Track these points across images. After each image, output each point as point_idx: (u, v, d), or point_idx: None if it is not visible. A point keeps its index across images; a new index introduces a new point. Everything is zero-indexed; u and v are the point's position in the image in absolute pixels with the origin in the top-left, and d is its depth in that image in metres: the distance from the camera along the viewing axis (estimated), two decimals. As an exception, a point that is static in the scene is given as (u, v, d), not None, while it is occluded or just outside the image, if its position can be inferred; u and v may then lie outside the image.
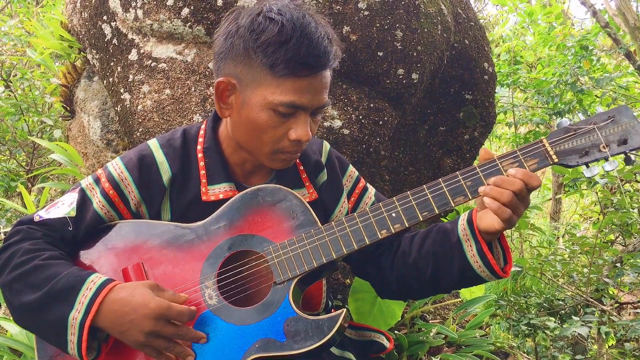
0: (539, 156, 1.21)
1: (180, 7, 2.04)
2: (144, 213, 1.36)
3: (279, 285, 1.25)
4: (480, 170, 1.22)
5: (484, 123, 2.57)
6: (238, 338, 1.21)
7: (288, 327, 1.21)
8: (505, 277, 1.29)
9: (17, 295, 1.18)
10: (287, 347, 1.19)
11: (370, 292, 1.96)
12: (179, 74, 2.08)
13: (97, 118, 2.48)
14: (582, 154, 1.19)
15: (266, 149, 1.28)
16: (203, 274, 1.27)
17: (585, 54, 4.61)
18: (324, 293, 1.46)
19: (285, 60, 1.17)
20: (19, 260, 1.19)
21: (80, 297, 1.14)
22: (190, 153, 1.37)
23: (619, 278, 3.45)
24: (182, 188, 1.35)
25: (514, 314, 3.46)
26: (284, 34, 1.17)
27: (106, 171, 1.35)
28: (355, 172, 1.56)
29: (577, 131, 1.19)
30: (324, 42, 1.20)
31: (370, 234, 1.26)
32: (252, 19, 1.20)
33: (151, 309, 1.13)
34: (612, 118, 1.18)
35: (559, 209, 6.72)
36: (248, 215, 1.29)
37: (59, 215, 1.29)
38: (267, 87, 1.20)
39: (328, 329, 1.19)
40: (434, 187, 1.25)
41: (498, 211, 1.17)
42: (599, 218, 3.88)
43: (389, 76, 2.08)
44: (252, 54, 1.19)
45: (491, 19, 7.69)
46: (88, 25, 2.37)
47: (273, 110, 1.21)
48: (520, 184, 1.17)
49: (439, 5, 2.23)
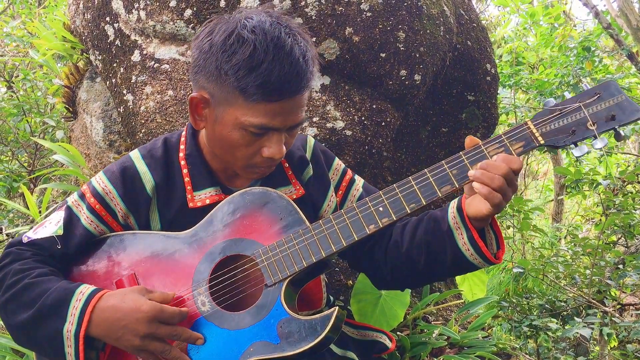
0: (524, 139, 1.19)
1: (183, 9, 2.05)
2: (133, 224, 1.36)
3: (270, 287, 1.25)
4: (465, 157, 1.20)
5: (487, 124, 2.57)
6: (232, 343, 1.22)
7: (281, 328, 1.20)
8: (497, 262, 1.28)
9: (12, 315, 1.20)
10: (281, 348, 1.19)
11: (373, 293, 1.96)
12: (181, 75, 2.08)
13: (99, 119, 2.48)
14: (569, 133, 1.16)
15: (239, 163, 1.28)
16: (195, 281, 1.27)
17: (587, 55, 4.61)
18: (323, 289, 1.46)
19: (255, 85, 1.13)
20: (10, 282, 1.21)
21: (71, 309, 1.16)
22: (172, 161, 1.38)
23: (621, 279, 3.45)
24: (168, 196, 1.35)
25: (516, 315, 3.45)
26: (255, 58, 1.12)
27: (90, 186, 1.35)
28: (342, 164, 1.55)
29: (562, 110, 1.17)
30: (298, 66, 1.15)
31: (358, 230, 1.25)
32: (225, 37, 1.16)
33: (144, 312, 1.14)
34: (598, 94, 1.15)
35: (561, 210, 6.72)
36: (236, 219, 1.29)
37: (46, 235, 1.30)
38: (238, 108, 1.17)
39: (321, 329, 1.19)
40: (420, 178, 1.22)
41: (489, 196, 1.15)
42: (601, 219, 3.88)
43: (392, 77, 2.08)
44: (223, 74, 1.16)
45: (493, 20, 7.69)
46: (91, 27, 2.37)
47: (245, 130, 1.19)
48: (506, 167, 1.15)
49: (442, 7, 2.23)
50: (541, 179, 9.46)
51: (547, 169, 9.35)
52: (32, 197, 2.30)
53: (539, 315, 3.40)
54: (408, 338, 2.00)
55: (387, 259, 1.41)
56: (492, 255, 1.26)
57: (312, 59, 1.20)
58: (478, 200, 1.20)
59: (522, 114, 5.21)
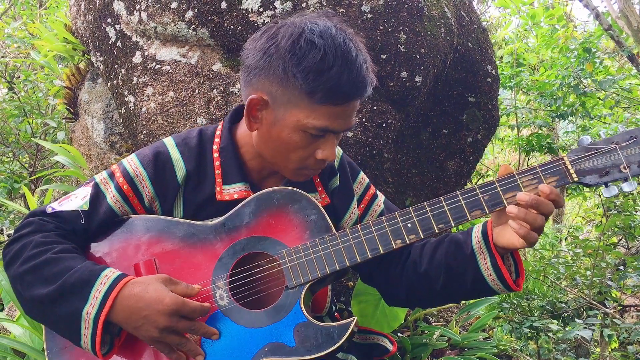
0: (559, 174, 1.19)
1: (184, 10, 2.05)
2: (157, 209, 1.36)
3: (290, 289, 1.25)
4: (498, 184, 1.21)
5: (487, 126, 2.57)
6: (248, 340, 1.21)
7: (298, 332, 1.20)
8: (518, 290, 1.29)
9: (29, 287, 1.18)
10: (296, 352, 1.19)
11: (374, 295, 1.96)
12: (183, 77, 2.09)
13: (100, 120, 2.49)
14: (602, 174, 1.17)
15: (292, 165, 1.29)
16: (215, 273, 1.27)
17: (588, 57, 4.61)
18: (328, 297, 1.47)
19: (324, 89, 1.16)
20: (30, 253, 1.19)
21: (94, 291, 1.14)
22: (205, 152, 1.38)
23: (622, 281, 3.44)
24: (197, 186, 1.35)
25: (516, 316, 3.45)
26: (326, 62, 1.16)
27: (121, 167, 1.35)
28: (366, 178, 1.56)
29: (598, 150, 1.18)
30: (363, 71, 1.20)
31: (385, 244, 1.25)
32: (294, 40, 1.18)
33: (166, 305, 1.14)
34: (634, 138, 1.16)
35: (561, 211, 6.72)
36: (262, 217, 1.29)
37: (71, 208, 1.29)
38: (302, 110, 1.20)
39: (338, 337, 1.19)
40: (451, 199, 1.23)
41: (527, 236, 1.16)
42: (602, 221, 3.88)
43: (393, 79, 2.08)
44: (291, 76, 1.18)
45: (494, 21, 7.69)
46: (92, 28, 2.38)
47: (304, 132, 1.22)
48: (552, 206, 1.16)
49: (443, 8, 2.23)
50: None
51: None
52: (33, 198, 2.30)
53: (539, 317, 3.39)
54: (409, 339, 2.01)
55: (402, 277, 1.40)
56: (512, 282, 1.26)
57: (370, 65, 1.24)
58: (511, 233, 1.20)
59: (522, 115, 5.21)
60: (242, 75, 1.30)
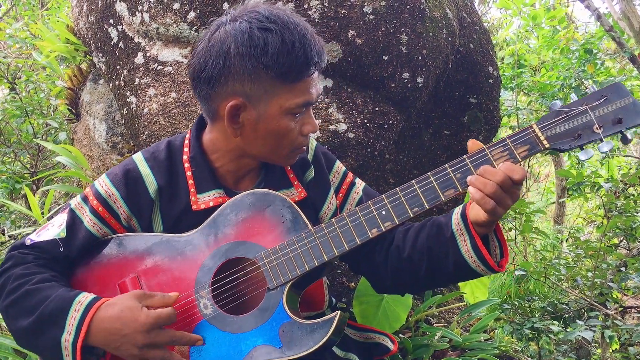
0: (529, 142, 1.16)
1: (186, 11, 2.05)
2: (136, 226, 1.37)
3: (272, 290, 1.26)
4: (469, 160, 1.19)
5: (489, 127, 2.57)
6: (235, 346, 1.22)
7: (283, 332, 1.21)
8: (501, 271, 1.27)
9: (14, 320, 1.21)
10: (283, 352, 1.20)
11: (375, 295, 1.96)
12: (184, 77, 2.09)
13: (102, 121, 2.49)
14: (575, 137, 1.14)
15: (285, 151, 1.31)
16: (197, 283, 1.28)
17: (589, 58, 4.61)
18: (325, 291, 1.47)
19: (294, 65, 1.19)
20: (11, 287, 1.22)
21: (69, 319, 1.17)
22: (176, 164, 1.38)
23: (623, 282, 3.44)
24: (171, 199, 1.36)
25: (517, 317, 3.45)
26: (288, 42, 1.18)
27: (93, 189, 1.36)
28: (342, 167, 1.56)
29: (568, 113, 1.14)
30: (314, 39, 1.24)
31: (361, 234, 1.24)
32: (249, 35, 1.19)
33: (141, 323, 1.15)
34: (605, 97, 1.13)
35: (562, 212, 6.71)
36: (239, 222, 1.29)
37: (49, 237, 1.31)
38: (282, 95, 1.22)
39: (324, 332, 1.19)
40: (423, 182, 1.21)
41: (481, 202, 1.14)
42: (603, 222, 3.88)
43: (394, 80, 2.08)
44: (261, 68, 1.19)
45: (495, 22, 7.69)
46: (94, 29, 2.38)
47: (290, 114, 1.24)
48: (503, 174, 1.13)
49: (444, 9, 2.23)
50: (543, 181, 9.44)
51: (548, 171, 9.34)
52: (35, 198, 2.31)
53: (540, 318, 3.39)
54: (410, 340, 2.00)
55: (387, 263, 1.40)
56: (495, 264, 1.25)
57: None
58: (476, 207, 1.20)
59: (524, 116, 5.21)
60: (200, 91, 1.29)
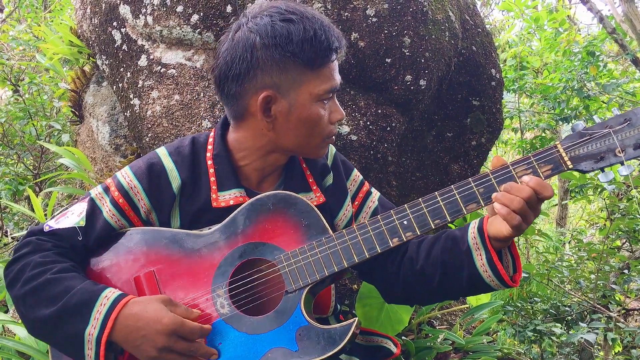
0: (553, 162, 1.18)
1: (189, 14, 2.06)
2: (155, 221, 1.36)
3: (290, 294, 1.25)
4: (493, 176, 1.20)
5: (491, 129, 2.57)
6: (250, 347, 1.21)
7: (300, 336, 1.20)
8: (514, 286, 1.27)
9: (31, 309, 1.19)
10: (299, 356, 1.19)
11: (378, 297, 1.96)
12: (188, 80, 2.09)
13: (105, 123, 2.50)
14: (597, 159, 1.15)
15: (317, 140, 1.33)
16: (215, 282, 1.27)
17: (591, 60, 4.60)
18: (332, 297, 1.47)
19: (320, 50, 1.23)
20: (30, 274, 1.20)
21: (95, 313, 1.16)
22: (199, 160, 1.38)
23: (626, 284, 3.43)
24: (192, 195, 1.35)
25: (520, 319, 3.44)
26: (309, 29, 1.22)
27: (115, 180, 1.35)
28: (360, 175, 1.56)
29: (592, 135, 1.16)
30: (332, 26, 1.27)
31: (382, 242, 1.25)
32: (272, 27, 1.22)
33: (164, 325, 1.15)
34: (628, 121, 1.14)
35: (565, 214, 6.70)
36: (259, 222, 1.29)
37: (68, 225, 1.30)
38: (309, 83, 1.25)
39: (340, 339, 1.19)
40: (446, 194, 1.23)
41: (507, 217, 1.15)
42: (605, 224, 3.87)
43: (397, 82, 2.09)
44: (288, 57, 1.22)
45: (497, 24, 7.68)
46: (98, 31, 2.39)
47: (320, 100, 1.27)
48: (530, 191, 1.15)
49: (447, 12, 2.24)
50: (545, 183, 9.43)
51: (551, 173, 9.33)
52: (38, 200, 2.31)
53: (543, 320, 3.38)
54: (413, 343, 2.00)
55: (400, 273, 1.40)
56: (509, 278, 1.25)
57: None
58: (499, 221, 1.20)
59: (526, 118, 5.21)
60: (229, 91, 1.30)
